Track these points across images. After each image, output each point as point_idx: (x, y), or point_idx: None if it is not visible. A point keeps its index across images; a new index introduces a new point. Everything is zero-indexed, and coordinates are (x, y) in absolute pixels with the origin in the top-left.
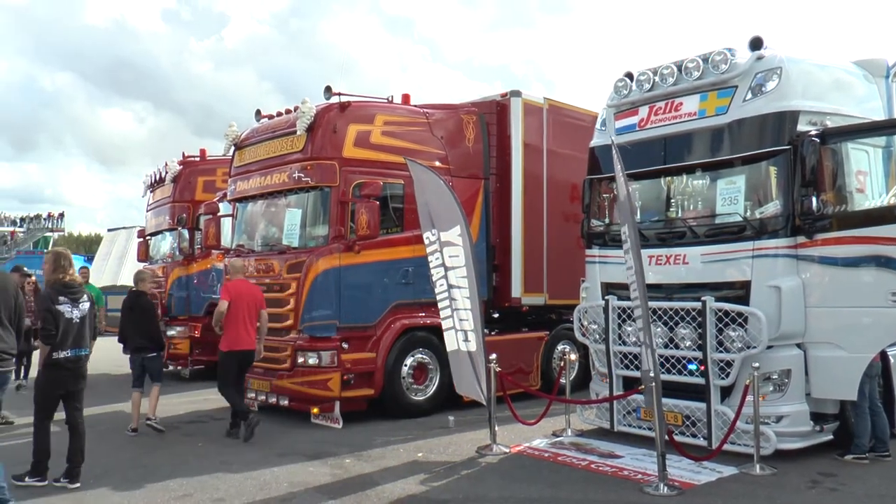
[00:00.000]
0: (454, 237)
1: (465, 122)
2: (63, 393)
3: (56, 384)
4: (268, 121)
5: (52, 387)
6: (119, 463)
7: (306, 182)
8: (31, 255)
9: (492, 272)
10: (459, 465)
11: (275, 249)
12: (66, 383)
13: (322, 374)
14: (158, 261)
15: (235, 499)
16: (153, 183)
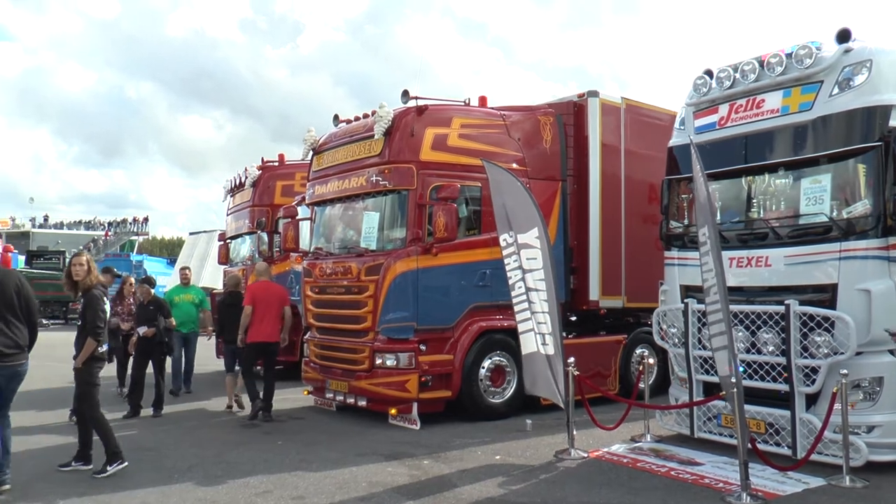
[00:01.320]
0: (532, 239)
1: (543, 124)
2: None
3: (98, 375)
4: (346, 125)
5: (96, 377)
6: (202, 459)
7: (384, 185)
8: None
9: (569, 274)
10: (538, 469)
11: (353, 252)
12: (99, 373)
13: (400, 376)
14: (238, 263)
15: (315, 497)
16: (233, 188)
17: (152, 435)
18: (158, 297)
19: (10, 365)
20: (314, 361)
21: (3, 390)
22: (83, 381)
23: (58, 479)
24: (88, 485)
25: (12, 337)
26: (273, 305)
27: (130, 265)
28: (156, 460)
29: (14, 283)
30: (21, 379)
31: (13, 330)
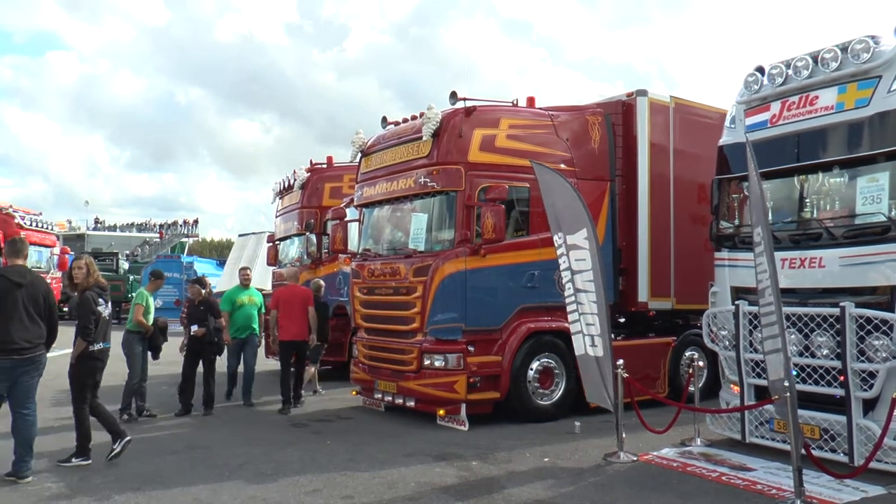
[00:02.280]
0: (580, 240)
1: (591, 124)
2: (94, 382)
3: (90, 373)
4: (394, 127)
5: (88, 375)
6: (252, 457)
7: (432, 187)
8: (169, 258)
9: (618, 276)
10: (586, 472)
11: (401, 253)
12: (96, 372)
13: (448, 377)
14: (287, 265)
15: (363, 496)
16: (282, 190)
17: (203, 433)
18: (209, 297)
19: (28, 357)
20: (362, 362)
21: (23, 383)
22: (75, 377)
23: (113, 474)
24: (143, 480)
25: (33, 332)
26: (296, 306)
27: (181, 266)
28: (207, 458)
29: (42, 288)
30: (40, 372)
31: (34, 327)
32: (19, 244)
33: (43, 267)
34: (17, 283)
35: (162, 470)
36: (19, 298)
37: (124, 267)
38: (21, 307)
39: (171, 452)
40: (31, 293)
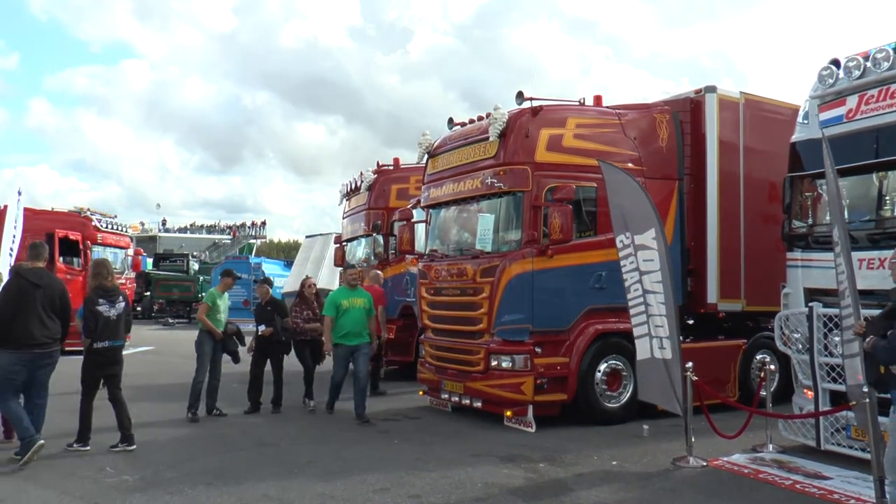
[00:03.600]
0: (648, 240)
1: (658, 122)
2: (103, 375)
3: (96, 368)
4: (460, 128)
5: (94, 370)
6: (320, 455)
7: (499, 187)
8: (237, 259)
9: (686, 277)
10: (655, 477)
11: (468, 254)
12: (104, 367)
13: (515, 378)
14: (354, 265)
15: (431, 496)
16: (349, 191)
17: (272, 431)
18: (276, 297)
19: (46, 352)
20: (429, 362)
21: (40, 375)
22: (82, 370)
23: (185, 469)
24: (213, 476)
25: (50, 329)
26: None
27: (249, 267)
28: (276, 455)
29: (58, 288)
30: (54, 365)
31: (50, 324)
32: (40, 248)
33: (118, 267)
34: (35, 284)
35: (232, 466)
36: (38, 298)
37: (194, 268)
38: (39, 306)
39: (241, 449)
40: (49, 294)
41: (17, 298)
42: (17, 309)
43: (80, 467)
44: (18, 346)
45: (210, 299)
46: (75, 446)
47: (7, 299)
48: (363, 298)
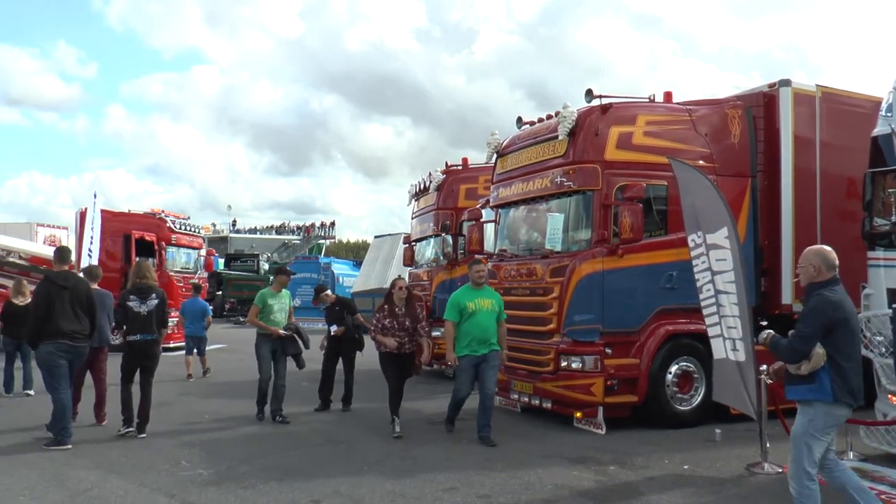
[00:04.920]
0: (721, 239)
1: (730, 117)
2: (137, 366)
3: (130, 359)
4: (529, 127)
5: (128, 360)
6: (390, 453)
7: (568, 186)
8: (307, 260)
9: (760, 276)
10: (728, 482)
11: (537, 254)
12: (138, 359)
13: (585, 379)
14: (423, 265)
15: (500, 496)
16: (417, 192)
17: (342, 428)
18: (343, 296)
19: (78, 346)
20: None
21: (71, 365)
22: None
23: (258, 464)
24: (284, 472)
25: (79, 326)
26: None
27: (319, 267)
28: (346, 452)
29: (84, 289)
30: (81, 359)
31: (81, 321)
32: (66, 253)
33: (191, 268)
34: (62, 286)
35: (303, 462)
36: (66, 298)
37: (264, 268)
38: (68, 305)
39: (312, 446)
40: (76, 294)
41: (47, 299)
42: (50, 308)
43: (157, 461)
44: (53, 338)
45: (259, 301)
46: (121, 430)
47: (39, 301)
48: (491, 300)
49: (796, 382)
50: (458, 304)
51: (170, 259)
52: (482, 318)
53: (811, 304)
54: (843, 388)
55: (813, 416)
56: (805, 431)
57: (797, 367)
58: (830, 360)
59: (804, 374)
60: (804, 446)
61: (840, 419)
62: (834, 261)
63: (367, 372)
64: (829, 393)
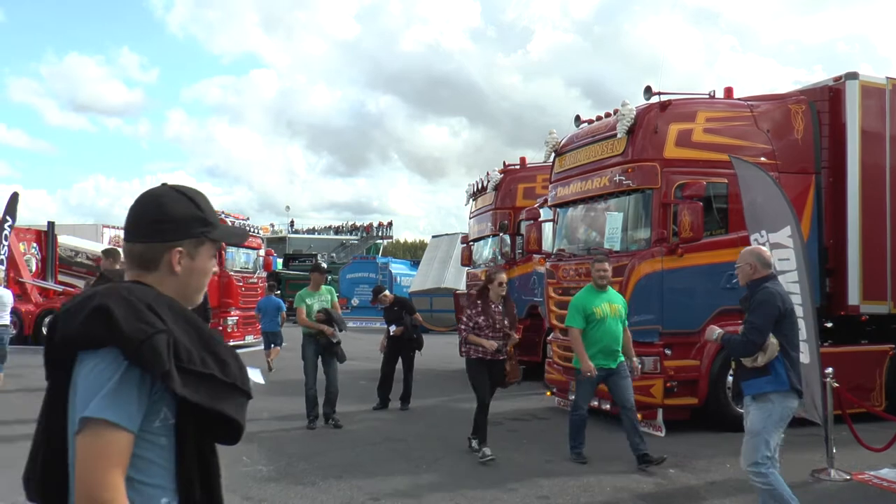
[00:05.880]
0: (784, 239)
1: (794, 113)
2: None
3: None
4: (587, 125)
5: None
6: (448, 452)
7: (627, 185)
8: (365, 259)
9: (825, 277)
10: (793, 489)
11: (596, 253)
12: None
13: (644, 380)
14: (481, 265)
15: (559, 498)
16: (475, 192)
17: (400, 427)
18: (401, 296)
19: None
20: (557, 363)
21: None
22: None
23: (317, 461)
24: (343, 469)
25: None
26: None
27: (377, 267)
28: (405, 451)
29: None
30: None
31: None
32: (115, 253)
33: (250, 268)
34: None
35: (361, 460)
36: None
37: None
38: None
39: (370, 444)
40: None
41: None
42: None
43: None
44: None
45: (298, 301)
46: None
47: None
48: (619, 304)
49: (752, 377)
50: (583, 308)
51: (230, 259)
52: (611, 325)
53: (759, 296)
54: (795, 377)
55: (770, 410)
56: (764, 427)
57: (753, 359)
58: (781, 349)
59: (760, 367)
60: (763, 441)
61: (793, 410)
62: (769, 259)
63: (425, 371)
64: (786, 382)
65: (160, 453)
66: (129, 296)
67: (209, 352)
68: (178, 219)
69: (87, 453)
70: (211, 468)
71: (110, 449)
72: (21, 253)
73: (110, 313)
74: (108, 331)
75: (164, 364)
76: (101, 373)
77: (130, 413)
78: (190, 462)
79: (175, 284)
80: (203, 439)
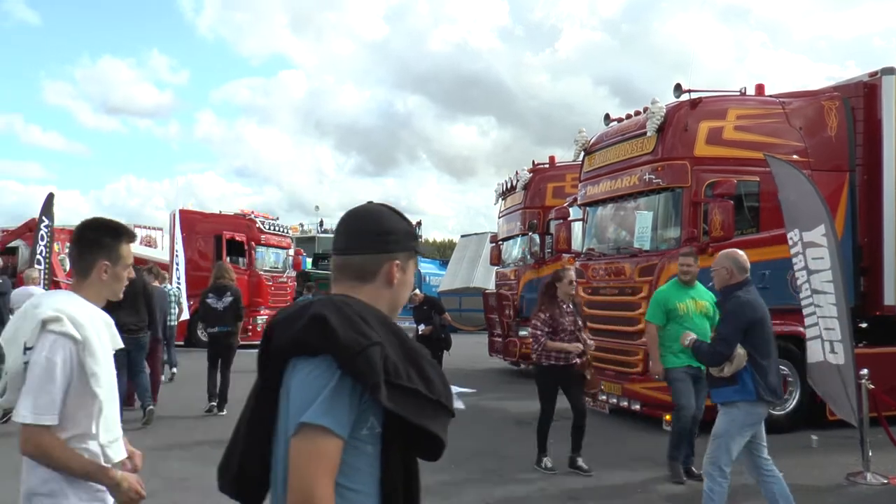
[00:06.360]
0: (817, 237)
1: (827, 109)
2: (216, 353)
3: (210, 347)
4: (616, 124)
5: (209, 349)
6: (479, 452)
7: (657, 184)
8: None
9: (859, 276)
10: (826, 492)
11: (625, 252)
12: (216, 347)
13: None
14: (510, 264)
15: (589, 499)
16: (504, 191)
17: None
18: (431, 296)
19: (135, 337)
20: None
21: (132, 355)
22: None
23: None
24: None
25: (137, 318)
26: None
27: None
28: None
29: (140, 284)
30: (140, 348)
31: (139, 313)
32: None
33: (279, 267)
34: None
35: None
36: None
37: None
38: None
39: None
40: (133, 289)
41: None
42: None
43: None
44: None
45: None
46: (207, 407)
47: None
48: (706, 301)
49: (720, 385)
50: (664, 303)
51: (259, 259)
52: (696, 322)
53: (729, 306)
54: (764, 387)
55: (735, 416)
56: (727, 431)
57: (720, 369)
58: (750, 359)
59: (727, 376)
60: (724, 445)
61: (760, 417)
62: (745, 263)
63: (453, 370)
64: (753, 392)
65: (366, 461)
66: (344, 307)
67: (415, 367)
68: (398, 232)
69: (302, 457)
70: (413, 478)
71: (324, 454)
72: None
73: (327, 322)
74: (325, 339)
75: (377, 376)
76: (316, 379)
77: (343, 420)
78: (395, 471)
79: (388, 296)
80: (407, 450)
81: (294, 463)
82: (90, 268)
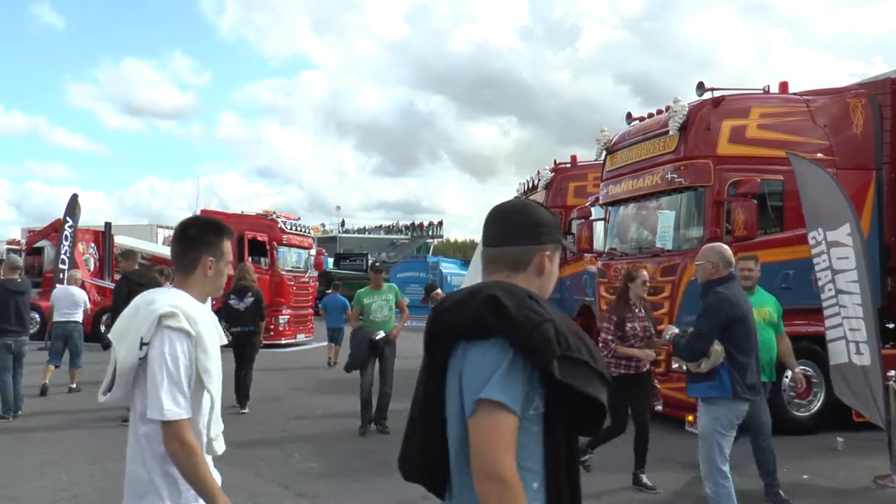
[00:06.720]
0: (843, 237)
1: (852, 107)
2: (238, 353)
3: (234, 347)
4: (639, 123)
5: (234, 348)
6: None
7: (679, 183)
8: (415, 259)
9: (886, 276)
10: (851, 495)
11: (647, 252)
12: (239, 347)
13: None
14: None
15: (612, 499)
16: (526, 190)
17: None
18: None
19: None
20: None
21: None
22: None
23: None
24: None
25: None
26: None
27: (427, 266)
28: None
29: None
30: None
31: None
32: (132, 255)
33: (301, 267)
34: (138, 283)
35: None
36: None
37: None
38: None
39: None
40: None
41: (126, 297)
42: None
43: (271, 453)
44: None
45: (356, 302)
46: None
47: (117, 298)
48: (769, 307)
49: (697, 380)
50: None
51: (281, 259)
52: (761, 332)
53: (707, 301)
54: (741, 384)
55: (717, 413)
56: (713, 429)
57: (697, 364)
58: (729, 356)
59: (704, 372)
60: (714, 444)
61: (740, 415)
62: (731, 258)
63: None
64: (729, 389)
65: (532, 439)
66: (513, 288)
67: (581, 341)
68: (549, 224)
69: (483, 433)
70: (574, 455)
71: (504, 429)
72: (80, 252)
73: (500, 302)
74: (500, 319)
75: (555, 350)
76: (491, 359)
77: (518, 397)
78: (559, 449)
79: (539, 284)
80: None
81: (475, 441)
82: (195, 264)
